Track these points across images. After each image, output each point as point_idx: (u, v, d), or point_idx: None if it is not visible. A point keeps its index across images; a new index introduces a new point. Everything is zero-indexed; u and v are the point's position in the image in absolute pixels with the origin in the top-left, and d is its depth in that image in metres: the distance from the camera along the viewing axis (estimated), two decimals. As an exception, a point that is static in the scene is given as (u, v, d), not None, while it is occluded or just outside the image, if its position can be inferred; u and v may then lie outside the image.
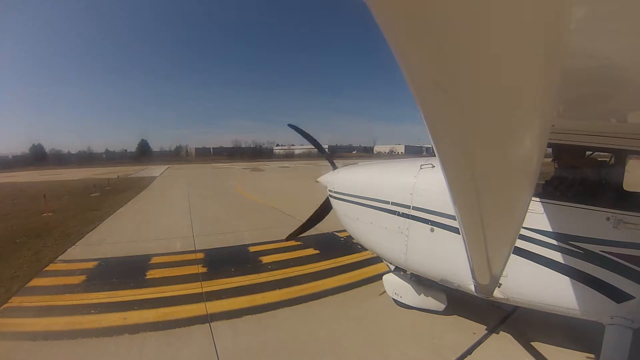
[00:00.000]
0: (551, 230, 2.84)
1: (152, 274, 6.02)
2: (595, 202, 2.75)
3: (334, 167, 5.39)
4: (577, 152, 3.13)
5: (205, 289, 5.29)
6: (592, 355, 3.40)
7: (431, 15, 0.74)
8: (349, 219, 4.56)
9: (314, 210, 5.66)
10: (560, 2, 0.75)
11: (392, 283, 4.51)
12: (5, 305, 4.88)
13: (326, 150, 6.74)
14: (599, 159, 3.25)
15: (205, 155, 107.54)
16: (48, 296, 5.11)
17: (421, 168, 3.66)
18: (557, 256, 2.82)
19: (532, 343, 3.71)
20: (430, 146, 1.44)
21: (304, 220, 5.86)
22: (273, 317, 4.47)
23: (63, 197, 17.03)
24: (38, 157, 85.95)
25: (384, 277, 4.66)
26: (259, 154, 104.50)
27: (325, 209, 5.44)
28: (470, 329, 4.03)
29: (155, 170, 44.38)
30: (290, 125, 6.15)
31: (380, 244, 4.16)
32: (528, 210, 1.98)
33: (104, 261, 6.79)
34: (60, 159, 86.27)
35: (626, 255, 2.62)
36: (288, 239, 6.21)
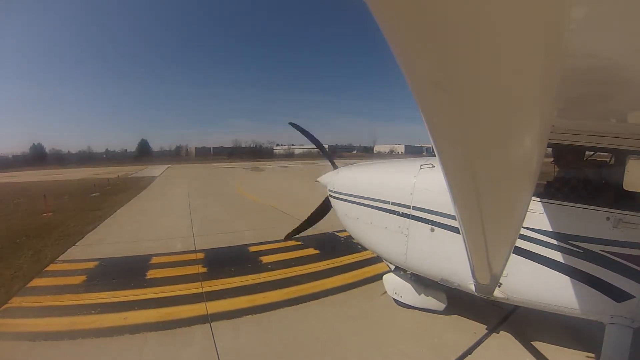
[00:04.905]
0: (551, 230, 2.84)
1: (152, 274, 6.02)
2: (595, 202, 2.75)
3: (335, 166, 5.38)
4: (577, 153, 3.13)
5: (205, 289, 5.30)
6: (592, 355, 3.40)
7: (431, 15, 0.74)
8: (349, 219, 4.56)
9: (313, 210, 5.67)
10: (560, 2, 0.75)
11: (393, 283, 4.51)
12: (6, 305, 4.89)
13: (326, 149, 6.74)
14: (599, 159, 3.25)
15: (206, 155, 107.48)
16: (48, 296, 5.11)
17: (421, 168, 3.66)
18: (557, 256, 2.83)
19: (532, 342, 3.71)
20: (430, 146, 1.44)
21: (304, 219, 5.86)
22: (273, 316, 4.47)
23: (63, 197, 17.01)
24: (38, 157, 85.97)
25: (384, 276, 4.66)
26: (259, 153, 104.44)
27: (324, 208, 5.45)
28: (470, 329, 4.03)
29: (156, 170, 44.38)
30: (291, 124, 6.14)
31: (381, 244, 4.16)
32: (528, 210, 1.98)
33: (104, 261, 6.79)
34: (60, 159, 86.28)
35: (626, 255, 2.63)
36: (287, 238, 6.23)
